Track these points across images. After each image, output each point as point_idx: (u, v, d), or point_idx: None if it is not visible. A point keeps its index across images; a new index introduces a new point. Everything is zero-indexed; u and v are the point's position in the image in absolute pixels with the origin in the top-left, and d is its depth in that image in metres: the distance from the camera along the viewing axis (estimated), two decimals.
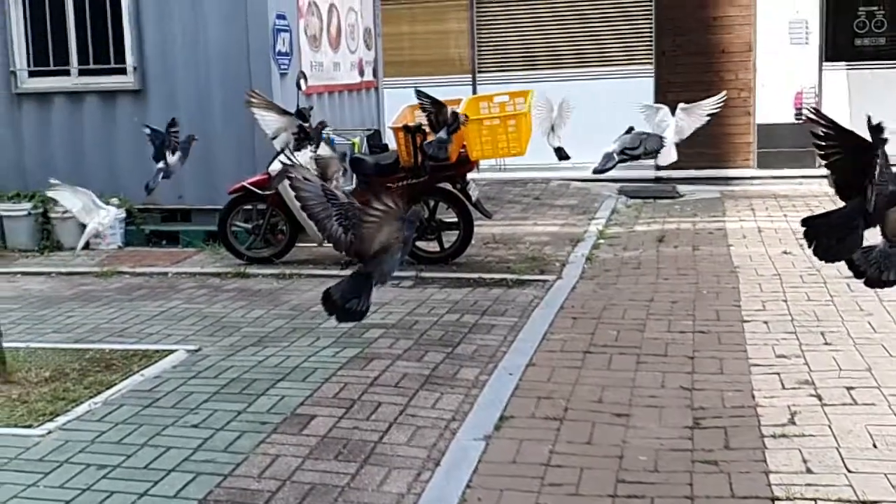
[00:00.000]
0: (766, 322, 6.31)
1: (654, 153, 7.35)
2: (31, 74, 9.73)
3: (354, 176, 8.77)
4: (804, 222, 3.86)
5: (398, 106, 9.07)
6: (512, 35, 13.66)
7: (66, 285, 8.06)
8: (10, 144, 9.70)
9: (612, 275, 7.92)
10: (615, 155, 7.20)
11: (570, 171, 13.05)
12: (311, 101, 9.08)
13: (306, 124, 7.56)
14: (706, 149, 12.84)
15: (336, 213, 5.06)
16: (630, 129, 7.33)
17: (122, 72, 9.42)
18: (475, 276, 7.78)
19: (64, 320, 6.86)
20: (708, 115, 7.27)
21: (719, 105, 7.27)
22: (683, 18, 12.92)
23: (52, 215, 9.31)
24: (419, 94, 7.87)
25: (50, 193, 7.09)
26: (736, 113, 12.93)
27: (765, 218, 10.26)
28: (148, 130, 7.22)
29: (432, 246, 8.36)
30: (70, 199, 6.74)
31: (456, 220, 8.29)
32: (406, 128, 8.11)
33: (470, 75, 13.58)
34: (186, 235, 9.36)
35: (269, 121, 7.45)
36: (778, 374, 5.28)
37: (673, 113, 7.69)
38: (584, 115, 12.34)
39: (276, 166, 8.11)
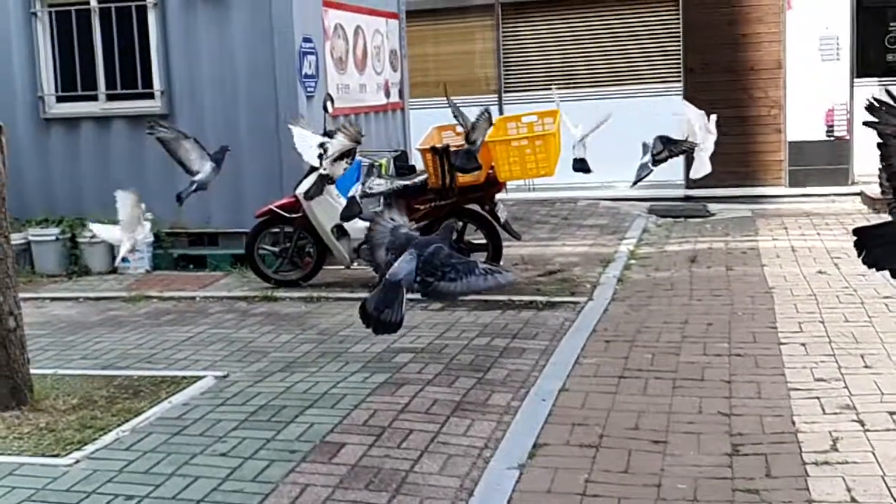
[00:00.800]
0: (803, 344, 6.16)
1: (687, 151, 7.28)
2: (59, 100, 9.77)
3: (382, 198, 8.73)
4: (856, 232, 3.84)
5: (424, 127, 9.02)
6: (538, 54, 13.61)
7: (94, 310, 8.05)
8: (39, 170, 9.73)
9: (644, 296, 7.80)
10: (650, 164, 7.19)
11: (598, 191, 13.02)
12: (338, 124, 9.02)
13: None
14: (737, 167, 12.77)
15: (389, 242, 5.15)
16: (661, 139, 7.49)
17: (150, 96, 9.44)
18: (504, 298, 7.65)
19: (92, 346, 6.83)
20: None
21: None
22: (711, 36, 12.82)
23: (80, 240, 9.32)
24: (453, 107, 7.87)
25: (117, 193, 7.07)
26: (766, 130, 12.83)
27: (798, 237, 10.09)
28: (157, 132, 7.32)
29: None
30: (128, 208, 6.87)
31: (484, 241, 8.20)
32: (434, 149, 8.05)
33: (496, 95, 13.54)
34: (214, 259, 9.34)
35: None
36: (818, 398, 5.13)
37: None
38: (610, 133, 12.33)
39: (303, 188, 8.10)
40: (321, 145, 7.62)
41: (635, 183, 7.52)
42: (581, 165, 8.07)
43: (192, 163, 7.41)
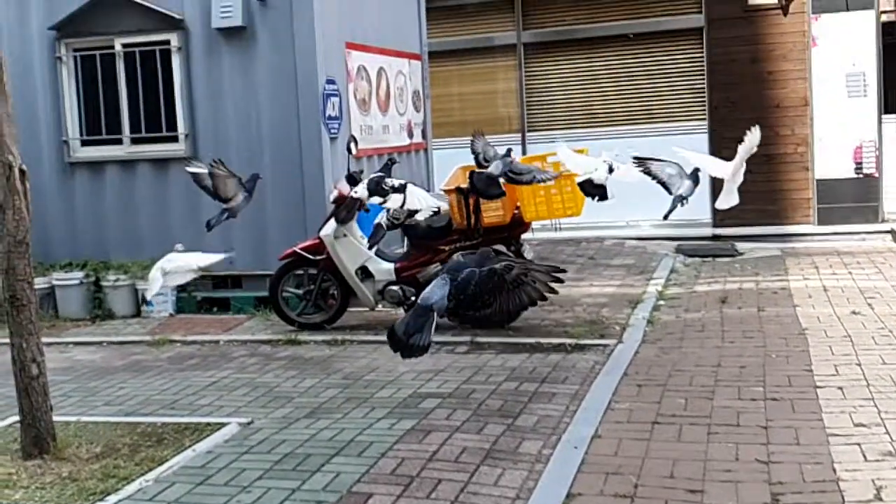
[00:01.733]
0: (840, 388, 6.00)
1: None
2: (84, 143, 9.79)
3: (406, 239, 8.68)
4: None
5: (448, 167, 8.96)
6: (561, 93, 13.58)
7: (118, 355, 7.98)
8: (63, 213, 9.73)
9: (675, 338, 7.65)
10: (684, 201, 7.08)
11: (623, 230, 12.91)
12: (362, 165, 9.00)
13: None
14: (764, 205, 12.65)
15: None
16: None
17: (174, 139, 9.44)
18: (532, 340, 7.55)
19: (115, 392, 6.75)
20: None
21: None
22: (736, 73, 12.76)
23: (104, 284, 9.30)
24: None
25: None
26: (794, 168, 12.70)
27: (829, 276, 9.92)
28: (195, 169, 7.25)
29: (487, 310, 8.14)
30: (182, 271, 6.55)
31: None
32: (459, 189, 7.98)
33: (519, 134, 13.50)
34: (237, 302, 9.26)
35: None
36: (858, 444, 4.97)
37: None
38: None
39: (327, 230, 8.05)
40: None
41: (668, 214, 7.34)
42: (597, 191, 7.45)
43: (227, 191, 7.34)
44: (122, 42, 9.50)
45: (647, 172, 7.02)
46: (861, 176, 12.41)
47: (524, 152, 12.74)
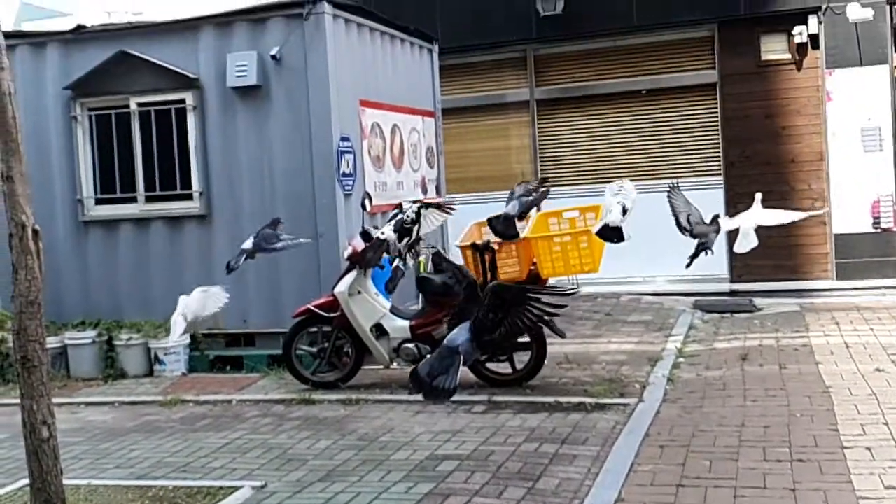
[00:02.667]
0: (868, 448, 5.85)
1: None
2: (98, 202, 9.77)
3: (422, 296, 8.59)
4: None
5: (461, 222, 8.91)
6: (574, 149, 13.57)
7: (130, 416, 7.87)
8: (76, 272, 9.68)
9: (696, 397, 7.50)
10: (709, 251, 7.05)
11: (640, 286, 12.81)
12: (376, 222, 8.95)
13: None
14: (782, 260, 12.56)
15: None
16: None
17: (189, 197, 9.40)
18: (551, 399, 7.41)
19: (126, 454, 6.63)
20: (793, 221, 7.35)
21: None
22: (751, 129, 12.73)
23: (117, 343, 9.22)
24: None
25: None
26: (811, 223, 12.55)
27: (851, 332, 9.78)
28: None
29: (504, 368, 8.03)
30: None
31: (528, 339, 7.96)
32: (474, 246, 7.91)
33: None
34: (250, 360, 9.16)
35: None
36: None
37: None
38: (651, 228, 12.18)
39: (342, 287, 7.97)
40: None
41: (690, 262, 7.28)
42: (614, 234, 7.42)
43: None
44: (138, 101, 9.52)
45: (671, 203, 7.37)
46: (879, 230, 12.32)
47: (538, 209, 12.67)
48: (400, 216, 7.93)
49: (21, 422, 5.08)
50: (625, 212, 7.42)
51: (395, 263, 7.85)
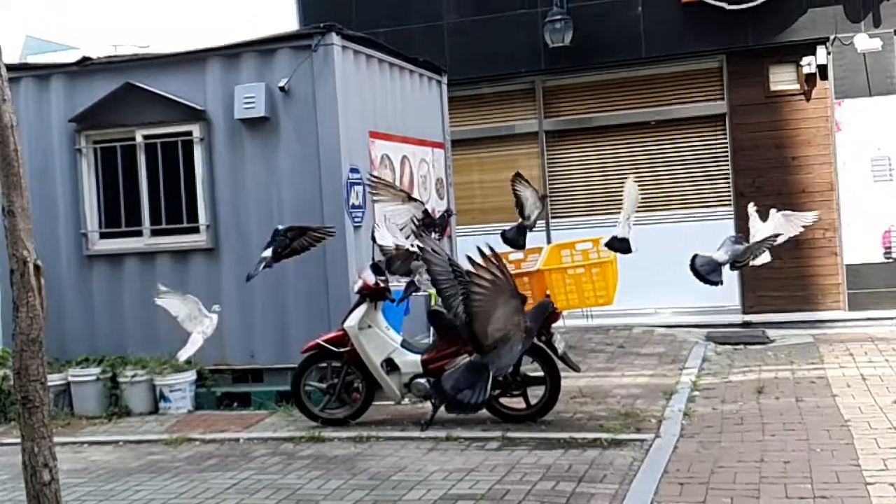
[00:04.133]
0: (892, 484, 5.70)
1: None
2: (103, 236, 9.65)
3: (433, 330, 8.45)
4: None
5: (470, 253, 8.79)
6: (583, 180, 13.49)
7: (134, 455, 7.70)
8: (80, 307, 9.55)
9: (713, 431, 7.34)
10: (728, 266, 6.99)
11: (652, 317, 12.68)
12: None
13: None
14: (794, 291, 12.47)
15: (462, 292, 4.81)
16: (736, 239, 7.39)
17: (195, 230, 9.30)
18: (566, 435, 7.25)
19: (131, 496, 6.47)
20: (803, 226, 7.38)
21: (812, 221, 7.40)
22: (760, 159, 12.65)
23: (121, 380, 9.07)
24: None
25: (158, 301, 7.50)
26: (822, 253, 12.51)
27: (866, 364, 9.62)
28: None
29: (517, 402, 7.88)
30: (177, 306, 7.18)
31: (541, 374, 7.82)
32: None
33: (543, 221, 13.33)
34: (258, 397, 9.00)
35: (399, 211, 7.86)
36: None
37: (763, 218, 7.47)
38: (661, 259, 12.09)
39: (352, 321, 7.84)
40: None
41: (710, 282, 7.25)
42: (622, 245, 7.68)
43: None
44: (144, 133, 9.44)
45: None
46: (891, 261, 12.22)
47: (549, 240, 12.60)
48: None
49: (22, 464, 4.93)
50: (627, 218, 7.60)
51: (410, 278, 7.73)
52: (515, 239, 8.20)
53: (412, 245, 7.61)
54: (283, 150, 8.98)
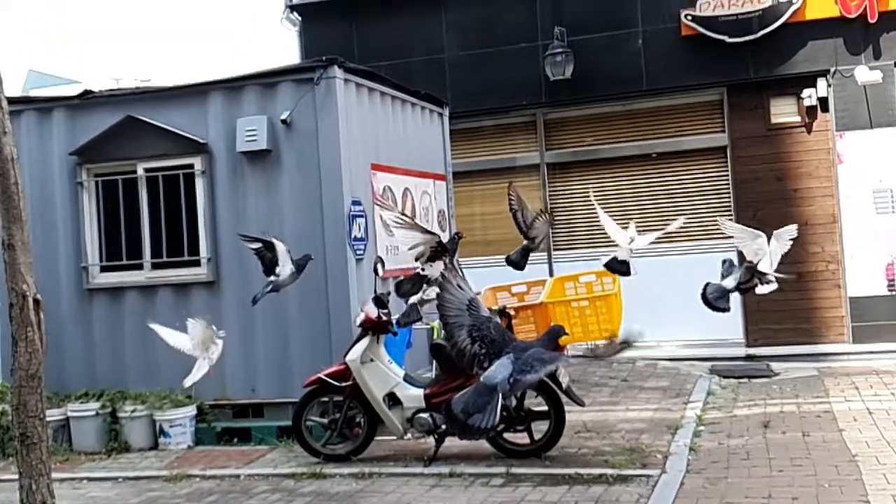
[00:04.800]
0: None
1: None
2: (104, 269, 9.58)
3: (436, 363, 8.37)
4: None
5: (473, 286, 8.73)
6: (585, 212, 13.45)
7: (133, 492, 7.59)
8: (80, 341, 9.46)
9: (720, 467, 7.25)
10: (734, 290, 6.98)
11: (655, 350, 12.60)
12: (388, 286, 8.75)
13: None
14: (798, 324, 12.43)
15: (469, 325, 4.79)
16: (726, 262, 7.51)
17: (196, 263, 9.23)
18: (571, 471, 7.14)
19: None
20: (790, 239, 7.40)
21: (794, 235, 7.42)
22: (762, 191, 12.65)
23: (121, 415, 8.96)
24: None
25: (189, 322, 7.55)
26: (825, 286, 12.47)
27: (872, 397, 9.55)
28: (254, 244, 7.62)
29: (521, 438, 7.77)
30: (197, 333, 7.32)
31: (545, 408, 7.73)
32: (489, 311, 7.70)
33: (545, 253, 13.31)
34: (259, 432, 8.88)
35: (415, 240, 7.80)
36: None
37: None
38: (663, 291, 12.06)
39: (354, 355, 7.77)
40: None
41: (719, 309, 7.23)
42: (621, 268, 7.67)
43: (274, 263, 7.76)
44: (145, 166, 9.40)
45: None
46: (894, 293, 12.17)
47: (551, 273, 12.55)
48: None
49: (19, 501, 4.85)
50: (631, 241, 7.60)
51: (412, 300, 7.72)
52: (518, 261, 8.26)
53: (422, 269, 7.62)
54: (285, 183, 8.93)
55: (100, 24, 30.11)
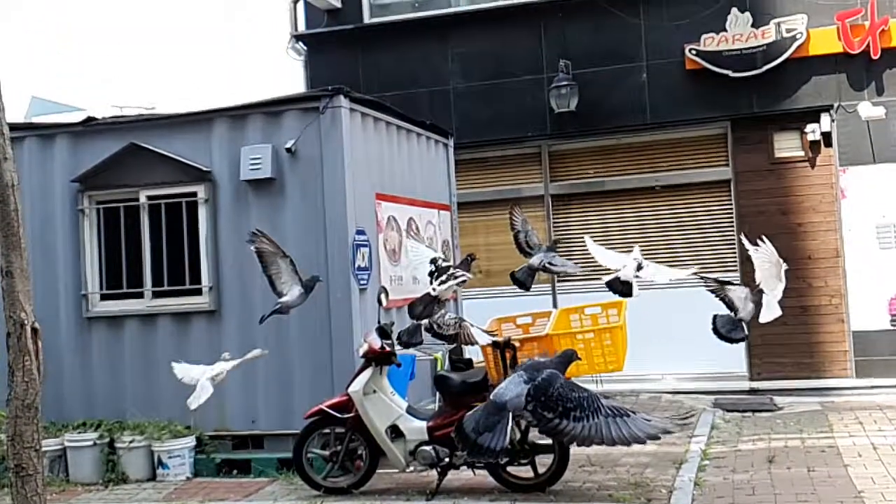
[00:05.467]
0: None
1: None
2: (104, 297, 9.50)
3: (439, 395, 8.28)
4: None
5: (477, 316, 8.69)
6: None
7: None
8: (79, 371, 9.36)
9: (725, 502, 7.17)
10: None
11: (658, 383, 12.54)
12: (392, 316, 8.69)
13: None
14: (801, 358, 12.37)
15: None
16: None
17: (198, 292, 9.16)
18: None
19: None
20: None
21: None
22: (766, 225, 12.51)
23: (119, 445, 8.84)
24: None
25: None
26: (829, 320, 12.42)
27: (876, 433, 9.47)
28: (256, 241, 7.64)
29: (525, 472, 7.66)
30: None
31: (550, 442, 7.62)
32: (495, 343, 7.63)
33: (549, 285, 13.27)
34: (259, 464, 8.76)
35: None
36: None
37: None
38: (667, 324, 11.99)
39: (357, 386, 7.68)
40: (433, 261, 8.07)
41: (735, 340, 7.20)
42: (623, 288, 7.63)
43: (282, 284, 7.68)
44: (148, 194, 9.35)
45: (714, 292, 7.45)
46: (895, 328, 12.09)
47: (555, 304, 12.49)
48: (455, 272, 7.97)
49: None
50: (639, 268, 7.59)
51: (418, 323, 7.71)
52: (524, 280, 8.23)
53: (434, 289, 7.61)
54: (288, 212, 8.88)
55: (99, 24, 30.29)
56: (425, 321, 7.54)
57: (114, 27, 30.80)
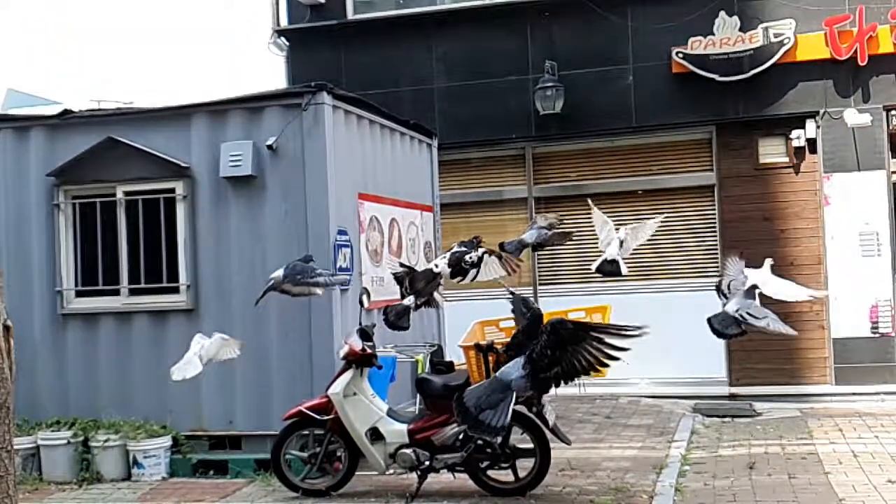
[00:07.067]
0: None
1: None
2: (79, 294, 9.34)
3: (420, 398, 8.18)
4: None
5: (459, 319, 8.60)
6: (572, 247, 13.31)
7: None
8: (53, 368, 9.20)
9: None
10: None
11: (638, 387, 12.49)
12: (373, 318, 8.59)
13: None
14: (781, 364, 12.37)
15: None
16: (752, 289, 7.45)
17: (175, 290, 9.01)
18: None
19: None
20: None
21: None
22: (749, 231, 12.59)
23: (93, 444, 8.69)
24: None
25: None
26: (809, 327, 12.40)
27: (856, 440, 9.48)
28: None
29: (506, 476, 7.58)
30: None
31: (531, 446, 7.55)
32: (477, 346, 7.53)
33: (531, 287, 13.19)
34: (236, 465, 8.64)
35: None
36: None
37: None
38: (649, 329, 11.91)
39: (337, 388, 7.58)
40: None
41: (733, 336, 7.15)
42: (612, 269, 7.55)
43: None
44: (125, 189, 9.19)
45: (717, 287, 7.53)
46: (877, 335, 12.17)
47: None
48: (460, 250, 7.84)
49: None
50: (621, 245, 7.56)
51: (406, 302, 7.68)
52: (512, 252, 8.18)
53: (436, 265, 7.63)
54: (269, 210, 8.75)
55: (99, 25, 30.09)
56: (412, 302, 7.52)
57: (95, 24, 30.60)
